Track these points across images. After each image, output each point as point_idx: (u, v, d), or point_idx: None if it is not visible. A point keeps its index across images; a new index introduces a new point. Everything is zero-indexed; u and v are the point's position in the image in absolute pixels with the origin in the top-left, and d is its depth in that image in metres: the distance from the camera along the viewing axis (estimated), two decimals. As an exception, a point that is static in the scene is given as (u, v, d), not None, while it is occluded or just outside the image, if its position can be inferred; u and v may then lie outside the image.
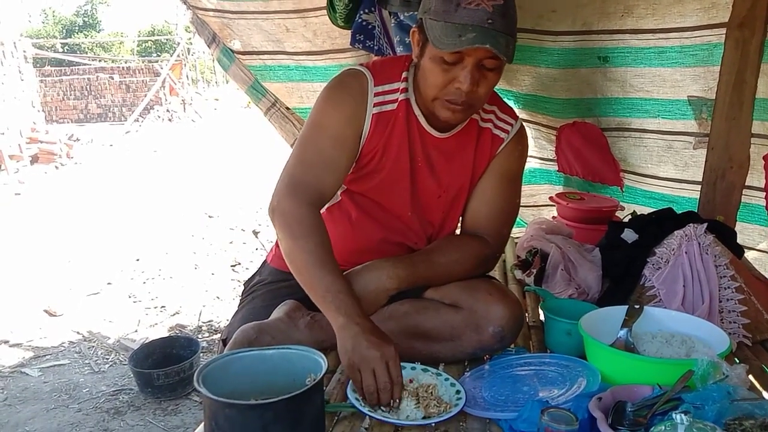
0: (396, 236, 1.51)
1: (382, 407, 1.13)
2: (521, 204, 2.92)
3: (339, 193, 1.51)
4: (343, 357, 1.19)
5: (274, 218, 1.35)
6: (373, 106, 1.40)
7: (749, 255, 2.29)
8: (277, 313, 1.41)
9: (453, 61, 1.26)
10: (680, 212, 1.80)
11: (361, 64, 1.45)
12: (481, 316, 1.35)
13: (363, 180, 1.47)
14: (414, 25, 1.36)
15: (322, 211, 1.42)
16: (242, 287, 1.71)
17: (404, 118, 1.41)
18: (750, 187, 2.12)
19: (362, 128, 1.40)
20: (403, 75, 1.42)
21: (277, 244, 1.68)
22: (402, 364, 1.26)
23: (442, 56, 1.26)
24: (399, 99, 1.41)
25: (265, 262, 1.72)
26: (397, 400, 1.13)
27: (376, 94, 1.40)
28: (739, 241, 2.19)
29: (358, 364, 1.15)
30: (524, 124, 2.72)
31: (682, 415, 0.88)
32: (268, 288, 1.58)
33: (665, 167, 2.38)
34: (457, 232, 1.61)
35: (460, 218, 1.57)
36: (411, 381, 1.19)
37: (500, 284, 1.52)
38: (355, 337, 1.17)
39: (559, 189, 2.80)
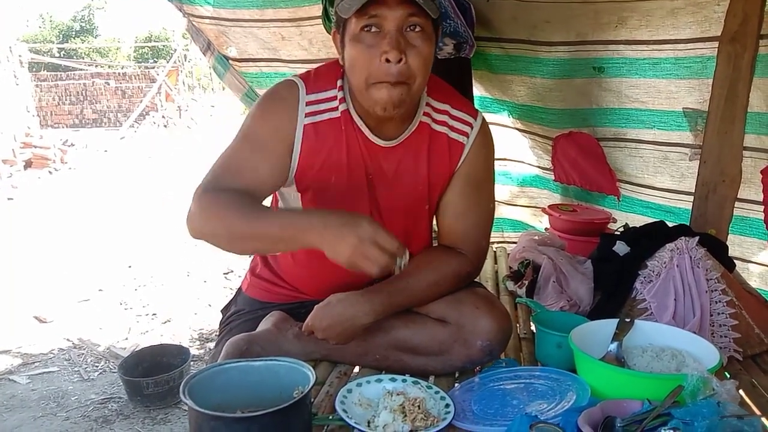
0: None
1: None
2: (522, 205, 2.94)
3: None
4: (348, 236, 1.10)
5: (189, 218, 1.24)
6: (305, 116, 1.32)
7: (749, 268, 2.29)
8: (265, 324, 1.40)
9: (371, 26, 1.18)
10: (672, 225, 1.80)
11: (297, 75, 1.38)
12: (468, 330, 1.33)
13: (322, 201, 1.38)
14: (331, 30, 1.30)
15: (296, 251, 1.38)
16: (220, 315, 1.67)
17: (347, 130, 1.33)
18: (748, 201, 2.13)
19: (293, 139, 1.32)
20: (339, 83, 1.34)
21: (251, 272, 1.61)
22: (392, 376, 1.27)
23: (360, 28, 1.18)
24: (339, 108, 1.33)
25: (240, 290, 1.65)
26: None
27: (309, 103, 1.32)
28: (737, 254, 2.20)
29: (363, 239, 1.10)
30: (520, 134, 2.75)
31: (672, 430, 0.88)
32: (245, 318, 1.53)
33: (661, 178, 2.39)
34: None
35: (437, 230, 1.51)
36: (399, 394, 1.18)
37: (487, 295, 1.47)
38: (344, 225, 1.12)
39: (557, 197, 2.80)
